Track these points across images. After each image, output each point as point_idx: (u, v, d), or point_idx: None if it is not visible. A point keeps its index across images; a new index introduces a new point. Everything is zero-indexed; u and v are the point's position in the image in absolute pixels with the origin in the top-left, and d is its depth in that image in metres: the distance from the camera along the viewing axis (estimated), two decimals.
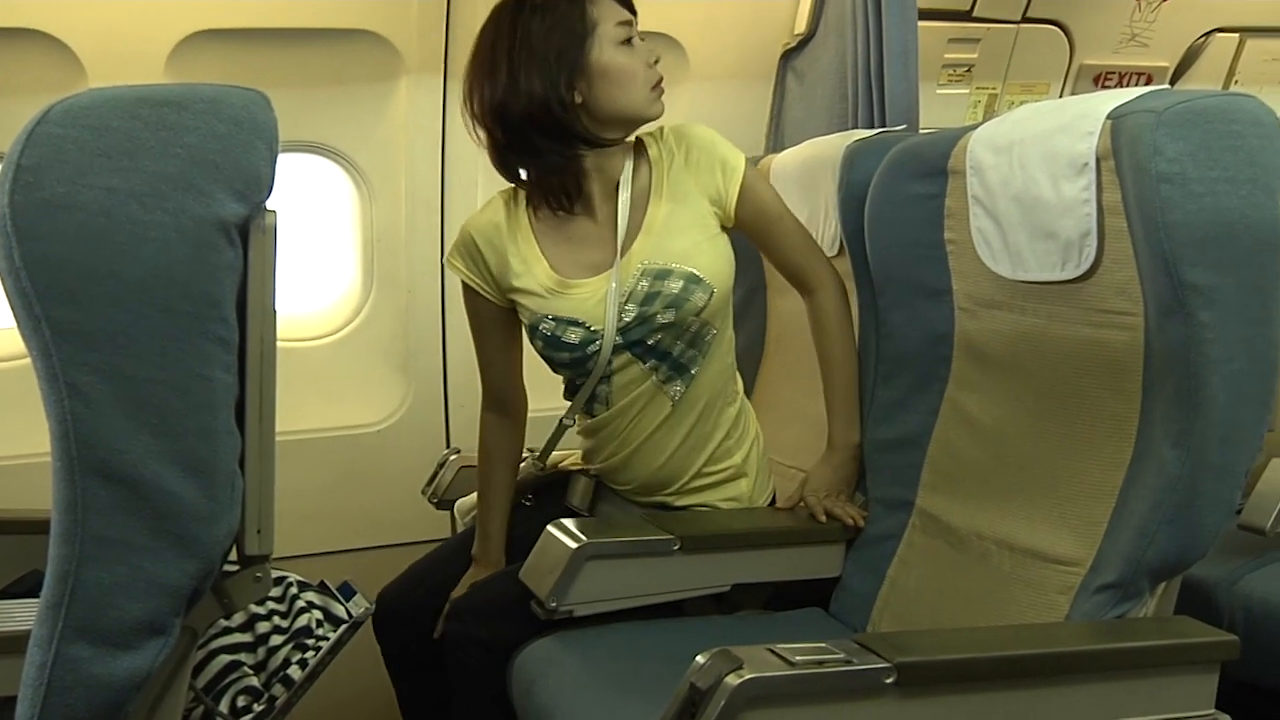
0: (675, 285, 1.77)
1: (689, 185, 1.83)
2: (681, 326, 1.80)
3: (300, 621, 1.58)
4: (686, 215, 1.82)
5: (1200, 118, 1.35)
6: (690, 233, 1.81)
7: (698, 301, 1.78)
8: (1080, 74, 3.17)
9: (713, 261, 1.80)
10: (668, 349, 1.82)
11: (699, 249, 1.80)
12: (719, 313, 1.84)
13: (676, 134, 1.87)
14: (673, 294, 1.77)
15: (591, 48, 1.74)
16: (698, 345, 1.84)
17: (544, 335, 1.83)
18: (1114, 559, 1.46)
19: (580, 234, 1.85)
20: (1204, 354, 1.36)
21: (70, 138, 1.01)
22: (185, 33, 2.23)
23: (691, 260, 1.79)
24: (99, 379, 1.02)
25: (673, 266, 1.78)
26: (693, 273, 1.78)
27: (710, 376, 1.87)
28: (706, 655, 1.21)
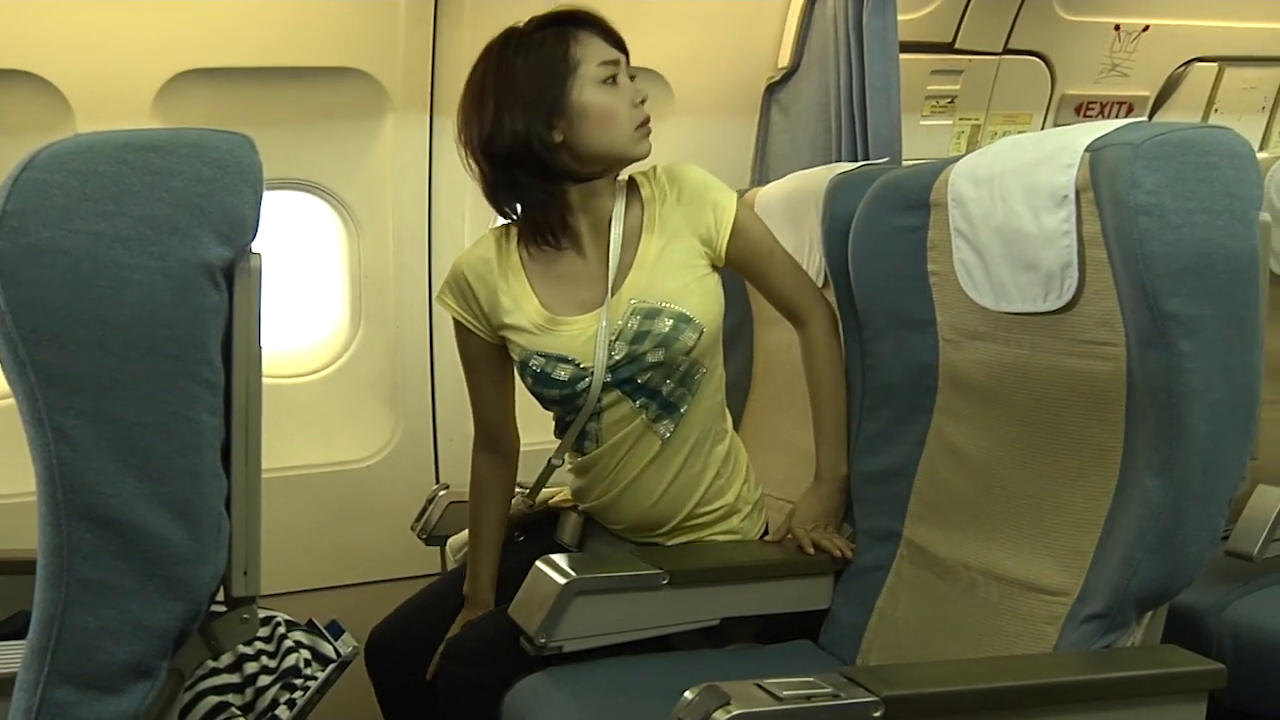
0: (665, 325, 1.77)
1: (680, 225, 1.83)
2: (671, 365, 1.80)
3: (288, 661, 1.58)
4: (678, 255, 1.82)
5: (1177, 150, 1.36)
6: (681, 272, 1.81)
7: (687, 341, 1.78)
8: (1062, 104, 3.20)
9: (702, 301, 1.81)
10: (657, 387, 1.82)
11: (689, 289, 1.80)
12: (708, 351, 1.84)
13: (669, 174, 1.87)
14: (662, 333, 1.77)
15: (572, 87, 1.75)
16: (687, 384, 1.84)
17: (534, 372, 1.82)
18: (1100, 588, 1.47)
19: (571, 271, 1.85)
20: (1185, 383, 1.36)
21: (56, 183, 1.01)
22: (172, 73, 2.25)
23: (681, 300, 1.79)
24: (85, 423, 1.02)
25: (663, 306, 1.79)
26: (683, 312, 1.78)
27: (699, 414, 1.87)
28: (694, 691, 1.21)
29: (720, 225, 1.84)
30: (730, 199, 1.86)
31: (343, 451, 2.61)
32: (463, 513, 2.25)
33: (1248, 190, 1.37)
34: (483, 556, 1.96)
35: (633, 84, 1.81)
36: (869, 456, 1.88)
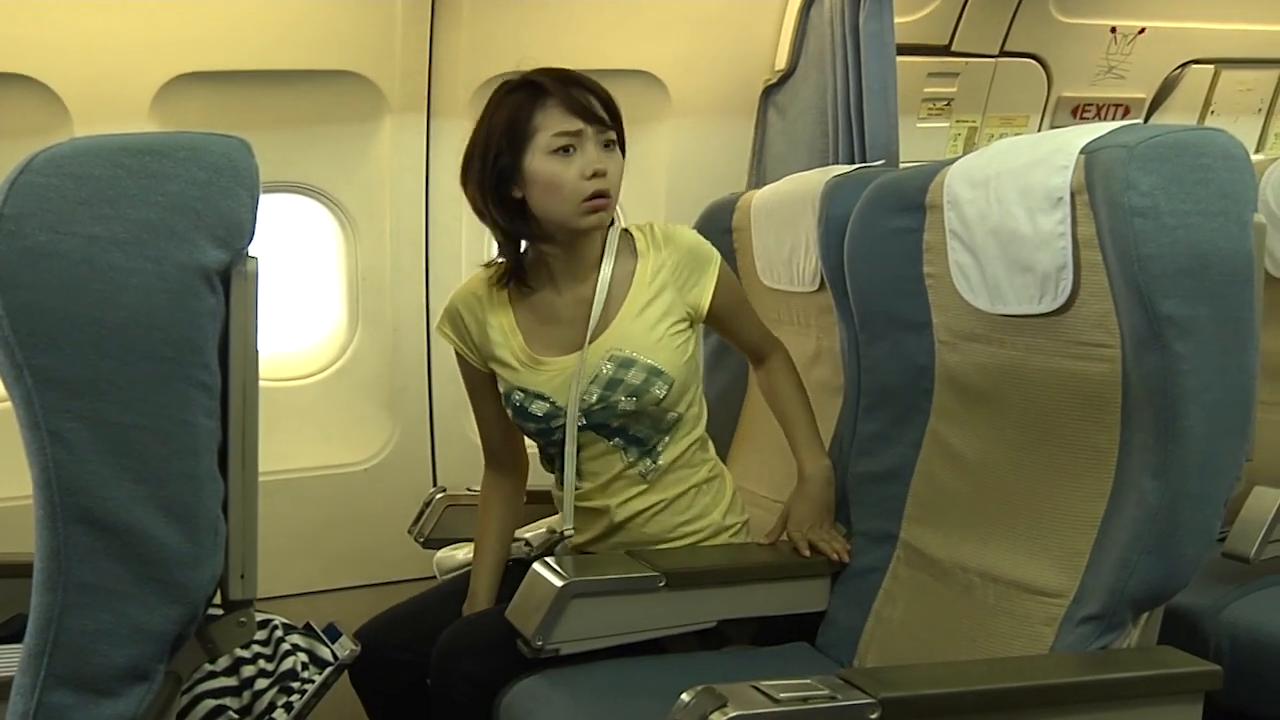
0: (638, 377, 1.84)
1: (668, 282, 1.88)
2: (642, 413, 1.86)
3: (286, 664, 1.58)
4: (659, 310, 1.87)
5: (1172, 152, 1.36)
6: (659, 327, 1.86)
7: (657, 393, 1.84)
8: (1059, 106, 3.20)
9: (673, 356, 1.86)
10: (632, 432, 1.89)
11: (663, 344, 1.86)
12: (680, 400, 1.89)
13: (664, 234, 1.91)
14: (634, 385, 1.83)
15: (526, 152, 1.78)
16: (661, 429, 1.90)
17: (514, 405, 1.90)
18: (1096, 590, 1.47)
19: (555, 312, 1.90)
20: (1181, 385, 1.37)
21: (52, 186, 1.02)
22: (169, 76, 2.25)
23: (655, 354, 1.85)
24: (81, 426, 1.02)
25: (636, 358, 1.84)
26: (654, 365, 1.84)
27: (679, 452, 1.92)
28: (691, 693, 1.21)
29: (705, 288, 1.90)
30: (716, 262, 1.92)
31: (340, 454, 2.61)
32: (460, 516, 2.26)
33: (1243, 192, 1.37)
34: (485, 568, 1.99)
35: (604, 153, 1.80)
36: (866, 458, 1.88)
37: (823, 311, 2.11)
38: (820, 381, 2.14)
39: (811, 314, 2.16)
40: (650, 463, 1.90)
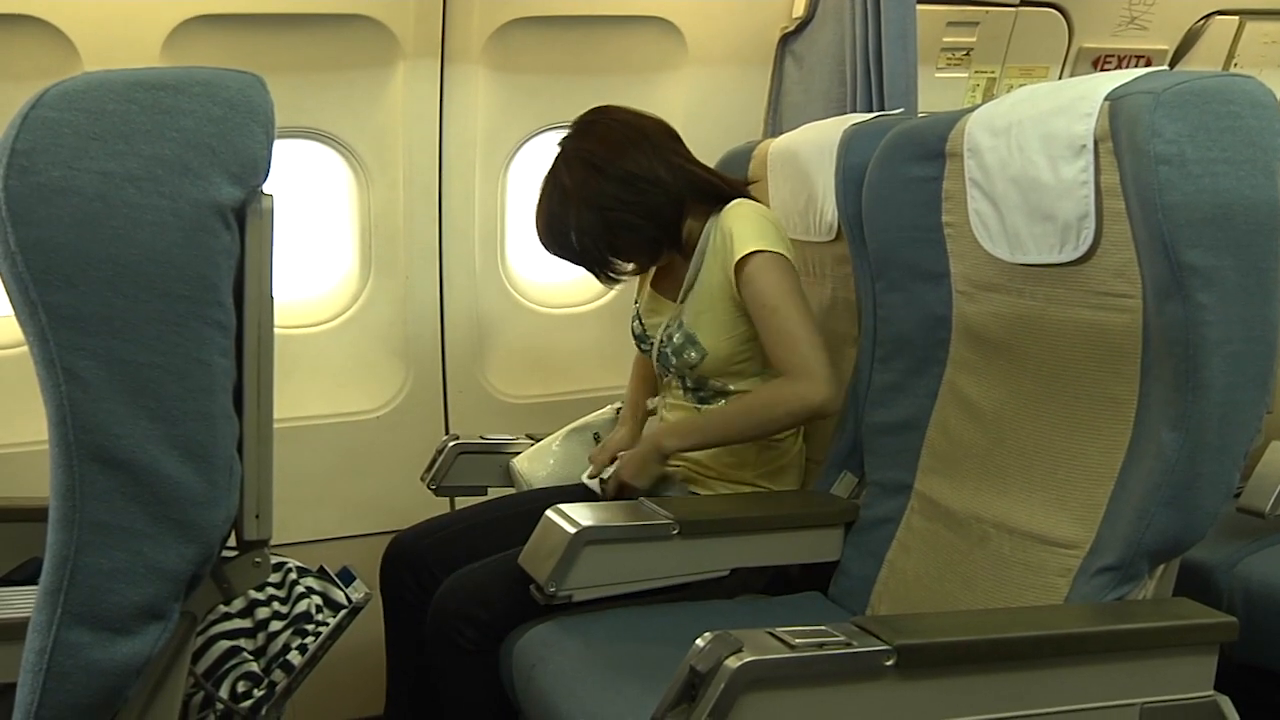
0: (679, 339, 2.03)
1: (717, 266, 1.99)
2: (684, 372, 2.05)
3: (300, 607, 1.58)
4: (715, 288, 2.00)
5: (1199, 98, 1.34)
6: (704, 301, 2.01)
7: (689, 358, 2.02)
8: (1079, 57, 3.16)
9: (712, 330, 2.00)
10: (687, 384, 2.08)
11: (702, 317, 2.01)
12: (722, 373, 2.03)
13: (720, 222, 2.00)
14: (677, 345, 2.03)
15: None
16: (709, 387, 2.05)
17: (635, 312, 2.22)
18: (1113, 541, 1.46)
19: (678, 266, 2.10)
20: (1203, 335, 1.35)
21: (65, 121, 1.01)
22: (181, 18, 2.22)
23: (695, 325, 2.01)
24: (96, 364, 1.02)
25: (684, 324, 2.03)
26: (692, 335, 2.01)
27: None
28: (706, 638, 1.21)
29: (730, 278, 1.96)
30: (730, 259, 1.95)
31: (353, 402, 2.61)
32: (472, 463, 2.26)
33: (1270, 140, 1.35)
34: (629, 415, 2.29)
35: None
36: (881, 408, 1.88)
37: (839, 261, 2.09)
38: (836, 332, 2.13)
39: (828, 264, 2.15)
40: (707, 405, 2.06)
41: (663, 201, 1.98)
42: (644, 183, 1.96)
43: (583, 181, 1.96)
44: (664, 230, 2.01)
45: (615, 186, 1.95)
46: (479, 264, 2.66)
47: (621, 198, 1.95)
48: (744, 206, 2.01)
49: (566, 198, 1.97)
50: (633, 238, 2.00)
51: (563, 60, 2.59)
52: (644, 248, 2.03)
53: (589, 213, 1.95)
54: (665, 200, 1.98)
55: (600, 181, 1.95)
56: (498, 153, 2.59)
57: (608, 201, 1.95)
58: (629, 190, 1.96)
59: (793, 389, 1.89)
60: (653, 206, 1.97)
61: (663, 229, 2.01)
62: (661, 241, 2.03)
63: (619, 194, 1.95)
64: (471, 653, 1.75)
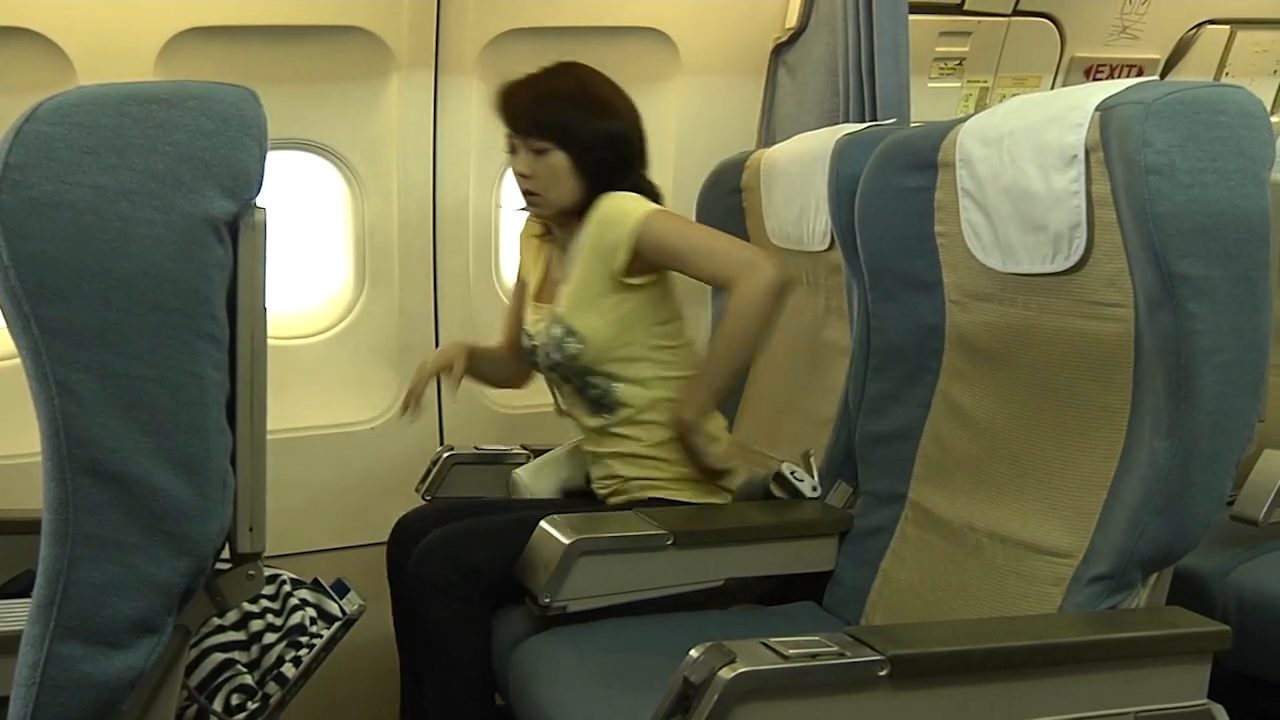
0: (558, 331, 2.01)
1: (590, 252, 1.98)
2: (569, 368, 2.02)
3: (294, 619, 1.58)
4: (585, 275, 1.99)
5: (1189, 109, 1.35)
6: (584, 290, 1.99)
7: (570, 350, 1.99)
8: (1072, 66, 3.17)
9: (589, 320, 1.99)
10: (573, 383, 2.06)
11: (579, 308, 2.00)
12: (604, 360, 2.00)
13: (596, 207, 1.99)
14: (556, 338, 2.01)
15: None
16: (601, 388, 2.02)
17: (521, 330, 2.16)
18: (1106, 550, 1.47)
19: (561, 266, 2.08)
20: (1194, 344, 1.36)
21: (58, 135, 1.01)
22: (175, 30, 2.23)
23: (573, 317, 2.00)
24: (89, 377, 1.02)
25: (562, 317, 2.01)
26: (570, 326, 1.99)
27: (637, 408, 2.01)
28: (700, 649, 1.21)
29: (617, 263, 1.95)
30: (625, 231, 1.94)
31: (347, 413, 2.61)
32: (467, 474, 2.26)
33: (1260, 150, 1.36)
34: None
35: (531, 159, 2.00)
36: (874, 418, 1.88)
37: (832, 271, 2.10)
38: (829, 341, 2.13)
39: (821, 273, 2.15)
40: (608, 415, 2.02)
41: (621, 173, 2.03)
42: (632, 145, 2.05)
43: (607, 98, 2.02)
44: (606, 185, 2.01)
45: (619, 126, 2.02)
46: (473, 275, 2.66)
47: (618, 138, 2.01)
48: (609, 193, 2.01)
49: (595, 95, 2.01)
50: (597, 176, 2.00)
51: None
52: (581, 191, 2.01)
53: (607, 122, 2.00)
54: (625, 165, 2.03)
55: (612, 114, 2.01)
56: (492, 164, 2.60)
57: (615, 130, 2.01)
58: (620, 138, 2.02)
59: (749, 285, 1.85)
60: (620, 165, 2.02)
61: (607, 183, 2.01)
62: (594, 196, 2.00)
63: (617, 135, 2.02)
64: (458, 598, 1.79)
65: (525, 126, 1.99)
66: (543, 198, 2.02)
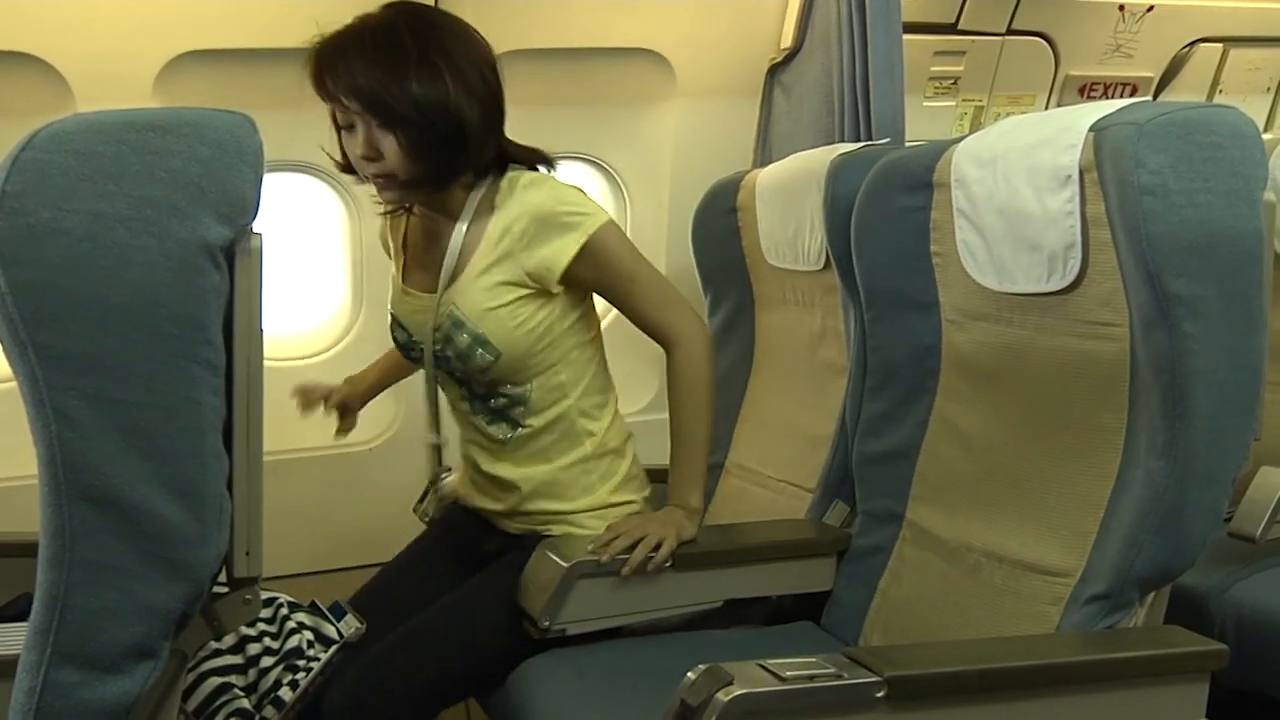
0: (464, 341, 1.77)
1: (512, 249, 1.76)
2: (474, 379, 1.83)
3: (291, 642, 1.58)
4: (497, 276, 1.76)
5: (1181, 129, 1.35)
6: (496, 294, 1.76)
7: (481, 362, 1.77)
8: (1066, 85, 3.18)
9: (504, 328, 1.76)
10: (476, 390, 1.85)
11: (494, 314, 1.76)
12: (516, 372, 1.80)
13: (524, 195, 1.77)
14: (461, 348, 1.78)
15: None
16: (505, 394, 1.83)
17: (390, 320, 1.94)
18: (1103, 569, 1.47)
19: (427, 250, 1.87)
20: (1189, 364, 1.36)
21: (55, 163, 1.01)
22: (173, 54, 2.24)
23: (484, 323, 1.76)
24: (86, 404, 1.02)
25: (464, 321, 1.77)
26: (481, 334, 1.76)
27: (543, 424, 1.85)
28: (697, 671, 1.21)
29: (554, 267, 1.75)
30: (574, 237, 1.75)
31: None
32: None
33: (1253, 170, 1.36)
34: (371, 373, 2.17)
35: (377, 133, 1.68)
36: (871, 438, 1.88)
37: (828, 291, 2.10)
38: (826, 361, 2.13)
39: (817, 293, 2.16)
40: (508, 428, 1.85)
41: (477, 132, 1.71)
42: (478, 100, 1.70)
43: (451, 47, 1.69)
44: (457, 162, 1.73)
45: (457, 81, 1.67)
46: None
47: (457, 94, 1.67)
48: (539, 176, 1.81)
49: (439, 50, 1.67)
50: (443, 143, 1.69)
51: (553, 92, 2.60)
52: (434, 162, 1.70)
53: (466, 77, 1.68)
54: (479, 132, 1.72)
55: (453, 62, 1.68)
56: None
57: (453, 88, 1.67)
58: (463, 95, 1.68)
59: (691, 350, 1.83)
60: (474, 128, 1.70)
61: (460, 159, 1.73)
62: (448, 172, 1.73)
63: (458, 89, 1.67)
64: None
65: (349, 101, 1.67)
66: (390, 183, 1.72)
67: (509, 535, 1.91)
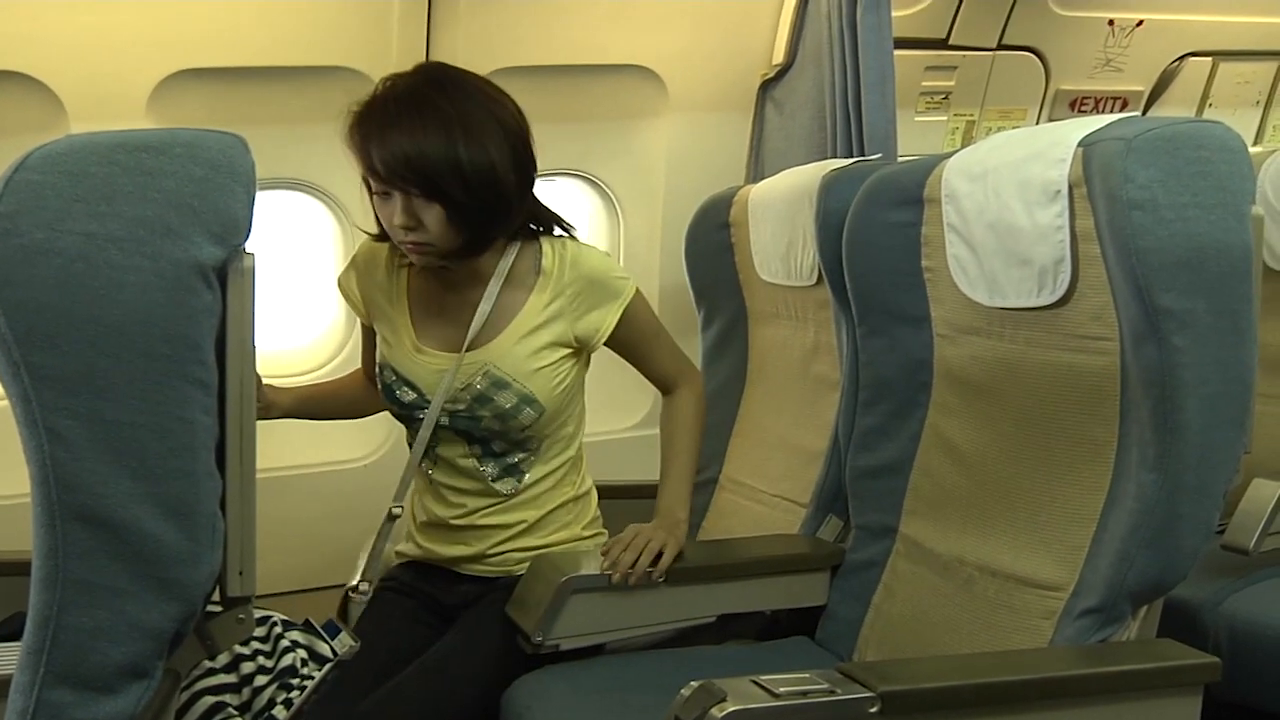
0: (508, 401, 1.78)
1: (562, 311, 1.82)
2: (506, 432, 1.82)
3: (285, 661, 1.57)
4: (545, 338, 1.81)
5: (1170, 144, 1.36)
6: (544, 355, 1.81)
7: (525, 420, 1.80)
8: (1056, 99, 3.20)
9: (552, 386, 1.81)
10: (494, 446, 1.85)
11: (543, 374, 1.80)
12: (548, 425, 1.85)
13: (574, 259, 1.83)
14: (503, 409, 1.79)
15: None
16: (525, 448, 1.86)
17: (384, 381, 1.87)
18: (1095, 583, 1.47)
19: (445, 307, 1.85)
20: (1179, 377, 1.37)
21: (48, 184, 1.01)
22: (166, 73, 2.24)
23: (531, 381, 1.79)
24: (78, 424, 1.02)
25: (510, 382, 1.79)
26: (528, 393, 1.79)
27: (547, 471, 1.88)
28: (690, 688, 1.22)
29: (602, 328, 1.84)
30: (624, 297, 1.85)
31: (339, 451, 2.61)
32: None
33: (1240, 184, 1.37)
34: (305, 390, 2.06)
35: (419, 203, 1.66)
36: (864, 452, 1.88)
37: (820, 306, 2.11)
38: (818, 376, 2.14)
39: (809, 308, 2.16)
40: (515, 481, 1.87)
41: (517, 199, 1.74)
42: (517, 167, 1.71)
43: (488, 112, 1.68)
44: (496, 229, 1.75)
45: (500, 149, 1.68)
46: None
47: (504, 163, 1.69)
48: (577, 242, 1.87)
49: (478, 118, 1.66)
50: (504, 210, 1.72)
51: (545, 108, 2.59)
52: (475, 230, 1.70)
53: (504, 144, 1.68)
54: (519, 199, 1.75)
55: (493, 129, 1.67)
56: None
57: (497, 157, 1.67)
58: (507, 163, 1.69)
59: (692, 391, 2.00)
60: (515, 196, 1.73)
61: (500, 227, 1.75)
62: (486, 239, 1.74)
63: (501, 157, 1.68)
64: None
65: (400, 178, 1.65)
66: (427, 248, 1.71)
67: (476, 580, 1.89)
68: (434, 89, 1.67)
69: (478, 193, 1.66)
